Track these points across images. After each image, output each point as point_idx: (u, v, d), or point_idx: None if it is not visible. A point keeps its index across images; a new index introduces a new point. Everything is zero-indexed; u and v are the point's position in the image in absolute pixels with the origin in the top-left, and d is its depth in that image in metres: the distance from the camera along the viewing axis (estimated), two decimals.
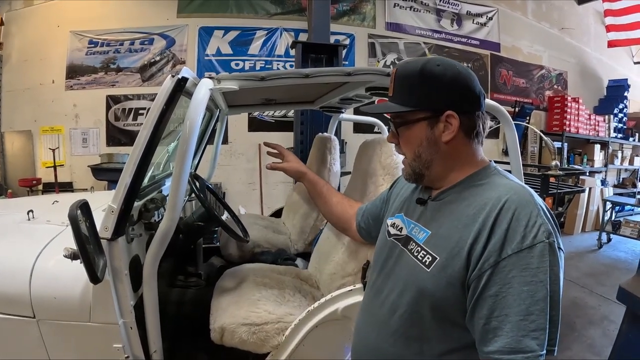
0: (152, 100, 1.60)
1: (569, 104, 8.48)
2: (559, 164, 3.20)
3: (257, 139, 7.26)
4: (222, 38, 7.21)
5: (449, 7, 8.20)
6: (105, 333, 1.69)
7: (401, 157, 1.30)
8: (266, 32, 7.33)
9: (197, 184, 2.47)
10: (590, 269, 6.04)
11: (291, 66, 7.14)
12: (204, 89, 1.62)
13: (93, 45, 6.97)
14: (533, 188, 3.45)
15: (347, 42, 7.53)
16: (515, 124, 2.21)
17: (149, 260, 1.71)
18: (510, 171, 2.25)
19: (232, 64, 7.25)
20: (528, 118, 8.38)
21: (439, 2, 8.13)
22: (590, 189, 8.32)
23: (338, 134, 4.45)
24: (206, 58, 7.17)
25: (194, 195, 2.39)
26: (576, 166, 8.16)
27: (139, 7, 7.05)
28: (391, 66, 1.14)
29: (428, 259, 1.11)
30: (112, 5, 6.95)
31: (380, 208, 1.61)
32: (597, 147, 9.23)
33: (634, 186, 10.24)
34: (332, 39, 6.73)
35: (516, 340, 0.92)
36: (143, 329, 1.77)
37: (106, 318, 1.68)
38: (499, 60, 8.67)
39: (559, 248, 0.98)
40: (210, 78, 1.71)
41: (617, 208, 7.65)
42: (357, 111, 5.32)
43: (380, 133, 4.34)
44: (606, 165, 9.50)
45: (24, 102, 6.89)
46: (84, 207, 1.48)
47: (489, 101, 2.14)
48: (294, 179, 2.12)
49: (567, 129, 8.43)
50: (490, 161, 1.22)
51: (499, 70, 8.69)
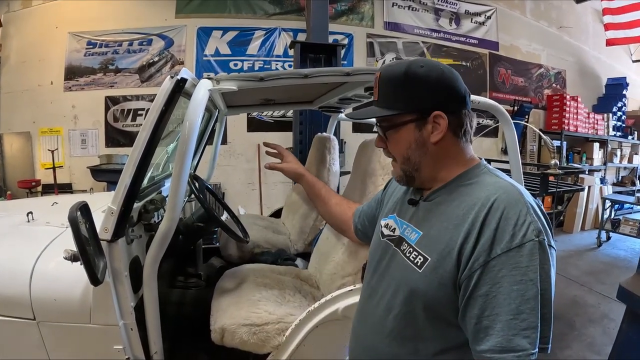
0: (151, 101, 1.60)
1: (567, 103, 8.48)
2: (558, 162, 3.20)
3: (256, 139, 7.26)
4: (221, 38, 7.20)
5: (447, 6, 8.20)
6: (105, 334, 1.69)
7: None
8: (265, 32, 7.32)
9: (197, 184, 2.47)
10: (589, 267, 6.05)
11: (290, 66, 7.14)
12: (203, 90, 1.62)
13: (91, 46, 6.96)
14: (532, 187, 3.46)
15: (346, 41, 7.53)
16: (514, 123, 2.21)
17: (149, 261, 1.71)
18: (509, 170, 2.26)
19: (231, 64, 7.24)
20: (527, 117, 8.38)
21: (438, 2, 8.13)
22: (589, 187, 8.33)
23: (337, 133, 4.45)
24: (205, 58, 7.16)
25: (193, 196, 2.38)
26: (575, 165, 8.17)
27: (137, 7, 7.04)
28: None
29: (420, 259, 1.11)
30: (111, 6, 6.94)
31: (375, 209, 1.61)
32: (596, 145, 9.24)
33: (633, 184, 10.24)
34: (331, 38, 6.73)
35: (507, 339, 0.93)
36: (143, 330, 1.77)
37: (106, 319, 1.67)
38: (497, 59, 8.67)
39: (550, 246, 0.99)
40: (209, 79, 1.71)
41: (616, 206, 7.67)
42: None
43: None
44: (605, 164, 9.51)
45: (22, 103, 6.87)
46: (84, 208, 1.47)
47: (488, 100, 2.15)
48: (292, 179, 2.11)
49: (566, 127, 8.43)
50: (481, 159, 1.22)
51: (498, 69, 8.69)
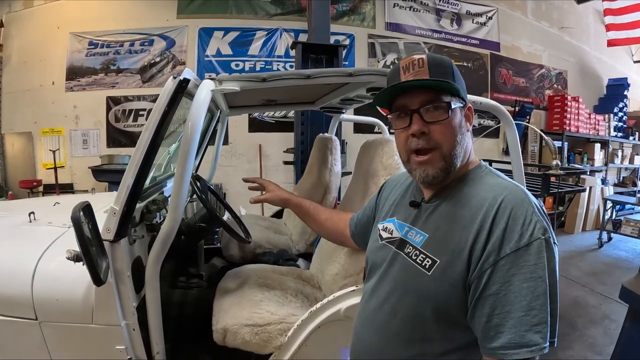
0: (153, 101, 1.60)
1: (569, 103, 8.47)
2: (559, 163, 3.20)
3: (258, 139, 7.28)
4: (222, 39, 7.20)
5: (448, 6, 8.20)
6: (107, 335, 1.69)
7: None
8: (266, 32, 7.32)
9: (199, 184, 2.47)
10: (591, 268, 6.04)
11: (291, 67, 7.14)
12: (205, 90, 1.62)
13: (93, 47, 6.97)
14: (534, 187, 3.46)
15: (347, 42, 7.53)
16: (515, 123, 2.21)
17: (151, 261, 1.71)
18: (511, 171, 2.26)
19: (232, 65, 7.24)
20: (528, 117, 8.38)
21: (439, 2, 8.13)
22: (590, 188, 8.32)
23: (339, 134, 4.45)
24: (206, 59, 7.16)
25: (195, 196, 2.38)
26: (576, 165, 8.16)
27: (138, 8, 7.04)
28: (391, 65, 1.13)
29: (428, 262, 1.11)
30: (112, 6, 6.95)
31: (370, 215, 1.61)
32: (597, 146, 9.23)
33: (634, 185, 10.23)
34: (332, 39, 6.73)
35: (520, 336, 0.95)
36: (145, 330, 1.77)
37: (109, 320, 1.67)
38: (498, 60, 8.67)
39: (554, 243, 1.02)
40: (212, 79, 1.71)
41: (617, 207, 7.65)
42: (357, 111, 5.34)
43: (380, 133, 4.33)
44: (606, 164, 9.50)
45: (24, 103, 6.88)
46: (87, 209, 1.47)
47: (489, 101, 2.15)
48: (279, 206, 2.07)
49: (567, 128, 8.43)
50: (480, 160, 1.23)
51: (499, 70, 8.68)
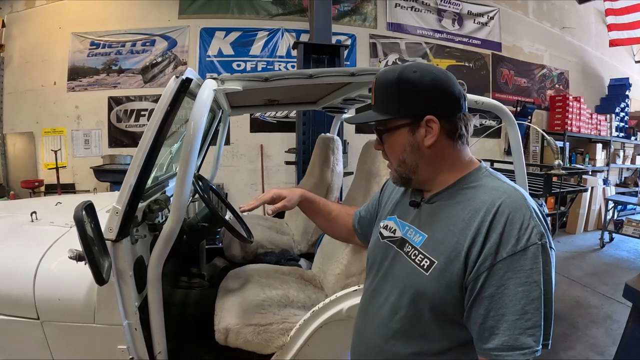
0: (154, 101, 1.60)
1: (570, 103, 8.45)
2: (561, 163, 3.19)
3: (259, 140, 7.28)
4: (224, 39, 7.20)
5: (450, 7, 8.18)
6: (109, 334, 1.70)
7: None
8: (268, 32, 7.32)
9: (201, 184, 2.47)
10: (592, 269, 6.03)
11: (293, 67, 7.14)
12: (207, 90, 1.62)
13: (95, 47, 6.96)
14: (536, 187, 3.45)
15: (349, 42, 7.52)
16: (517, 123, 2.21)
17: (153, 261, 1.71)
18: (513, 171, 2.26)
19: (234, 65, 7.24)
20: (530, 118, 8.36)
21: (440, 2, 8.11)
22: (592, 188, 8.31)
23: (340, 134, 4.46)
24: (208, 59, 7.16)
25: (197, 196, 2.39)
26: (578, 165, 8.14)
27: (140, 8, 7.04)
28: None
29: (426, 262, 1.13)
30: (114, 6, 6.95)
31: (373, 212, 1.60)
32: (599, 146, 9.20)
33: (636, 185, 10.21)
34: (334, 39, 6.73)
35: (513, 338, 0.97)
36: (147, 330, 1.77)
37: (111, 319, 1.68)
38: (500, 60, 8.65)
39: (551, 247, 1.03)
40: (214, 79, 1.71)
41: (619, 207, 7.62)
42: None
43: None
44: (608, 165, 9.46)
45: (25, 103, 6.88)
46: (89, 208, 1.48)
47: (491, 100, 2.14)
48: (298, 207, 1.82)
49: (569, 128, 8.40)
50: (480, 161, 1.24)
51: (501, 70, 8.67)
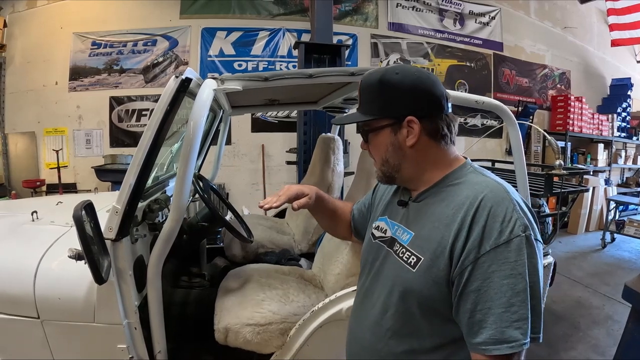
0: (156, 101, 1.61)
1: (572, 103, 8.43)
2: (563, 163, 3.18)
3: (261, 139, 7.29)
4: (225, 39, 7.20)
5: (451, 6, 8.18)
6: (109, 333, 1.70)
7: None
8: (269, 32, 7.32)
9: (201, 184, 2.47)
10: (594, 269, 6.02)
11: (294, 67, 7.13)
12: (207, 90, 1.62)
13: (96, 47, 6.98)
14: (537, 188, 3.44)
15: (350, 42, 7.52)
16: (518, 123, 2.20)
17: (153, 260, 1.71)
18: (514, 171, 2.25)
19: (235, 65, 7.24)
20: (531, 118, 8.35)
21: (442, 2, 8.11)
22: (593, 188, 8.29)
23: (341, 134, 4.45)
24: (209, 59, 7.17)
25: (197, 195, 2.39)
26: (580, 165, 8.12)
27: (141, 8, 7.05)
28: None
29: (413, 259, 1.14)
30: (115, 6, 6.96)
31: (366, 211, 1.61)
32: (601, 146, 9.17)
33: (638, 185, 10.18)
34: (335, 39, 6.73)
35: (500, 332, 0.97)
36: (147, 329, 1.77)
37: (110, 318, 1.68)
38: (501, 60, 8.65)
39: (536, 240, 1.03)
40: (214, 78, 1.72)
41: (620, 207, 7.61)
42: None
43: None
44: (610, 165, 9.44)
45: (27, 103, 6.90)
46: (89, 207, 1.48)
47: (492, 100, 2.14)
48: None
49: (571, 128, 8.39)
50: (466, 158, 1.25)
51: (502, 70, 8.66)
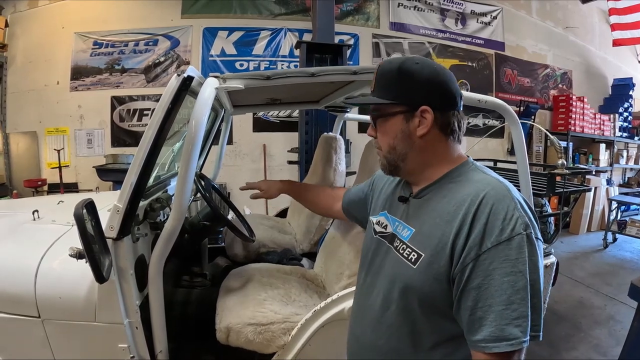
0: (157, 101, 1.60)
1: (574, 103, 8.42)
2: (565, 162, 3.17)
3: (262, 139, 7.30)
4: (227, 39, 7.20)
5: (453, 6, 8.17)
6: (110, 333, 1.69)
7: None
8: (270, 32, 7.33)
9: (203, 183, 2.47)
10: (596, 269, 6.01)
11: (296, 66, 7.13)
12: (209, 88, 1.62)
13: (98, 47, 6.98)
14: (539, 187, 3.43)
15: (352, 42, 7.52)
16: (520, 123, 2.19)
17: (154, 259, 1.70)
18: (517, 170, 2.25)
19: (237, 65, 7.25)
20: (533, 117, 8.34)
21: (443, 2, 8.10)
22: (595, 188, 8.26)
23: (343, 133, 4.45)
24: (210, 59, 7.17)
25: (199, 194, 2.39)
26: (582, 165, 8.11)
27: (143, 8, 7.06)
28: None
29: (413, 256, 1.14)
30: (117, 6, 6.97)
31: (363, 197, 1.66)
32: (603, 146, 9.16)
33: (639, 185, 10.17)
34: (336, 39, 6.74)
35: (500, 329, 0.96)
36: (148, 329, 1.76)
37: (111, 318, 1.68)
38: (503, 60, 8.64)
39: (537, 238, 1.03)
40: (216, 77, 1.71)
41: (622, 207, 7.60)
42: (362, 111, 5.33)
43: None
44: (611, 165, 9.44)
45: (28, 103, 6.91)
46: (90, 206, 1.47)
47: (495, 99, 2.13)
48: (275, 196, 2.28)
49: (572, 128, 8.37)
50: (468, 157, 1.25)
51: (504, 70, 8.65)
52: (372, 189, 1.58)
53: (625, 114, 9.60)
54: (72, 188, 6.83)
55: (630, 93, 9.67)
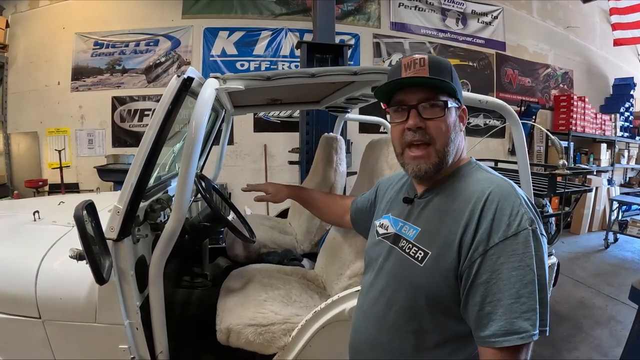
0: (158, 101, 1.60)
1: (575, 103, 8.42)
2: (566, 163, 3.17)
3: (263, 139, 7.30)
4: (227, 39, 7.21)
5: (454, 6, 8.17)
6: (111, 334, 1.69)
7: None
8: (271, 32, 7.33)
9: (203, 184, 2.47)
10: (597, 269, 6.00)
11: (296, 66, 7.13)
12: (209, 89, 1.62)
13: (98, 47, 6.99)
14: (540, 188, 3.43)
15: (352, 42, 7.52)
16: (521, 123, 2.19)
17: (155, 260, 1.70)
18: (517, 170, 2.25)
19: (237, 65, 7.25)
20: (534, 117, 8.33)
21: (444, 2, 8.10)
22: (596, 188, 8.24)
23: (344, 134, 4.45)
24: (211, 59, 7.17)
25: (200, 195, 2.38)
26: (583, 165, 8.10)
27: (143, 8, 7.06)
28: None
29: (420, 254, 1.15)
30: (117, 6, 6.97)
31: (368, 206, 1.67)
32: (604, 146, 9.16)
33: None
34: (337, 39, 6.73)
35: (510, 323, 0.97)
36: (149, 329, 1.76)
37: (112, 319, 1.67)
38: (504, 60, 8.63)
39: (542, 234, 1.05)
40: (216, 78, 1.71)
41: (623, 207, 7.58)
42: (362, 111, 5.32)
43: (386, 133, 4.32)
44: (613, 165, 9.43)
45: (29, 103, 6.92)
46: (90, 207, 1.47)
47: (496, 99, 2.13)
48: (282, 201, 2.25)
49: (573, 128, 8.37)
50: (471, 157, 1.28)
51: (505, 70, 8.65)
52: (377, 195, 1.60)
53: (627, 113, 9.60)
54: (73, 188, 6.84)
55: (632, 93, 9.66)
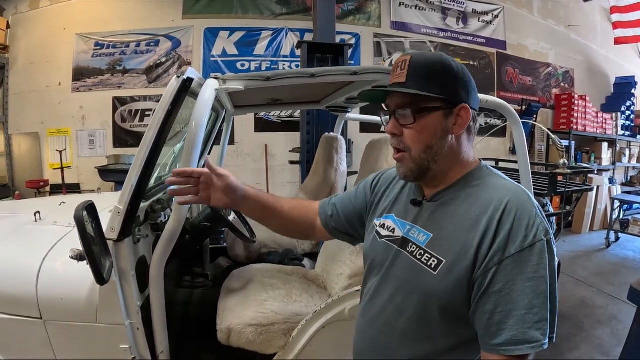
0: (159, 101, 1.60)
1: (576, 102, 8.41)
2: (567, 162, 3.17)
3: (264, 139, 7.30)
4: (228, 39, 7.21)
5: (454, 5, 8.17)
6: (112, 334, 1.70)
7: None
8: (272, 32, 7.34)
9: None
10: (598, 268, 6.00)
11: (297, 66, 7.13)
12: (209, 90, 1.62)
13: (99, 48, 7.00)
14: (541, 187, 3.43)
15: (353, 41, 7.52)
16: (522, 122, 2.19)
17: (155, 261, 1.71)
18: (518, 170, 2.25)
19: (238, 65, 7.25)
20: (535, 116, 8.32)
21: (445, 1, 8.10)
22: (598, 187, 8.24)
23: (344, 133, 4.45)
24: (212, 59, 7.18)
25: None
26: (584, 164, 8.09)
27: (144, 8, 7.08)
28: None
29: (434, 262, 1.11)
30: (118, 7, 6.99)
31: (357, 206, 1.50)
32: (605, 145, 9.16)
33: None
34: (338, 38, 6.73)
35: (522, 332, 0.97)
36: (150, 329, 1.77)
37: (113, 319, 1.68)
38: (505, 59, 8.63)
39: (554, 243, 1.04)
40: (216, 78, 1.71)
41: (625, 206, 7.58)
42: (363, 110, 5.32)
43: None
44: (614, 164, 9.41)
45: (30, 104, 6.93)
46: (90, 208, 1.47)
47: (496, 99, 2.13)
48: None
49: (575, 127, 8.37)
50: (481, 160, 1.23)
51: (505, 69, 8.64)
52: (374, 192, 1.47)
53: (628, 112, 9.60)
54: (74, 189, 6.86)
55: (633, 91, 9.66)
